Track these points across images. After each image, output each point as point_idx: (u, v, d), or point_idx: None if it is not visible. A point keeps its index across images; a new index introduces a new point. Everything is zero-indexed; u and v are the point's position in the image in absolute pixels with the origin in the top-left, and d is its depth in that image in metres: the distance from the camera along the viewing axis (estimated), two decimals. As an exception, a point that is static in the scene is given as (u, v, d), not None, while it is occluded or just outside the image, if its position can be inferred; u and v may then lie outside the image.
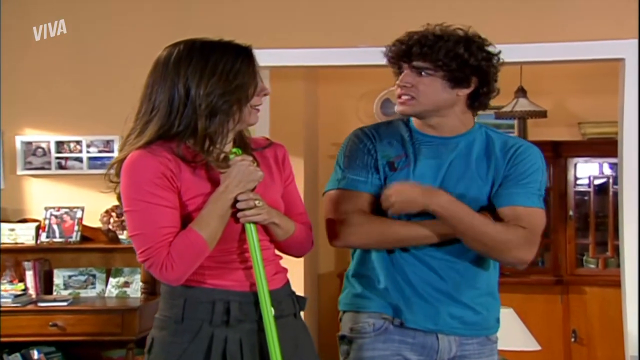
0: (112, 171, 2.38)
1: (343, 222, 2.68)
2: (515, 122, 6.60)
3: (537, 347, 4.16)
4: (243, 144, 2.50)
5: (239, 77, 2.34)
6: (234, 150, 2.40)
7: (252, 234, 2.38)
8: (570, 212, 6.42)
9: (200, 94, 2.31)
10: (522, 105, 6.07)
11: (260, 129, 6.34)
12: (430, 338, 2.72)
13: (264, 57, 4.97)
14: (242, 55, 2.37)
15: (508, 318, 4.11)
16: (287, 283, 2.56)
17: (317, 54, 5.19)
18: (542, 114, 6.13)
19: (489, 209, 2.72)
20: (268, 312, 2.37)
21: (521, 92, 6.13)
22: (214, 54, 2.35)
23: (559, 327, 6.34)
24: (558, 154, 6.40)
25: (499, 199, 2.70)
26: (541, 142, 6.38)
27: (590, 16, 4.96)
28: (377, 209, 2.70)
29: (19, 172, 5.28)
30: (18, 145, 5.27)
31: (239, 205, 2.34)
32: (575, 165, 6.46)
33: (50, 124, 5.27)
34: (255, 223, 2.38)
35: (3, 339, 4.85)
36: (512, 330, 4.09)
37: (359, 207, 2.68)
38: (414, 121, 2.79)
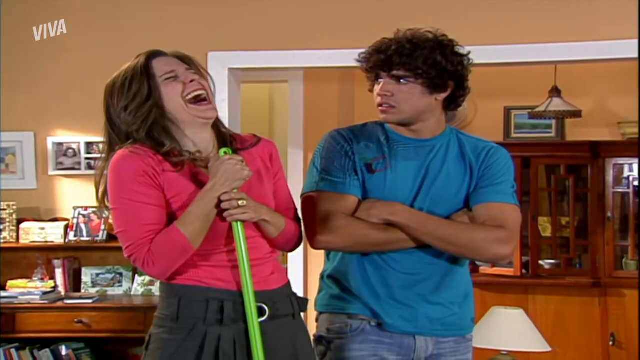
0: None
1: (324, 224, 2.69)
2: (553, 122, 6.52)
3: (548, 349, 4.12)
4: (223, 141, 2.55)
5: (132, 86, 2.42)
6: (224, 149, 2.45)
7: (239, 233, 2.41)
8: (609, 214, 6.30)
9: (116, 120, 2.46)
10: (556, 105, 5.96)
11: (293, 130, 6.44)
12: (408, 338, 2.75)
13: (297, 59, 5.13)
14: (132, 66, 2.46)
15: (518, 319, 4.09)
16: (287, 284, 2.59)
17: (351, 55, 5.19)
18: (577, 114, 6.02)
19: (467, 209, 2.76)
20: (252, 311, 2.41)
21: (555, 91, 6.02)
22: (112, 82, 2.48)
23: (596, 330, 6.23)
24: (596, 154, 6.29)
25: (474, 198, 2.74)
26: (579, 142, 6.34)
27: (621, 15, 4.88)
28: None
29: (51, 172, 5.42)
30: (50, 146, 5.41)
31: (223, 205, 2.38)
32: (614, 165, 6.34)
33: (80, 126, 5.38)
34: (242, 222, 2.42)
35: (31, 335, 5.01)
36: (522, 332, 4.06)
37: (339, 209, 2.69)
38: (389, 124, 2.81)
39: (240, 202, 2.38)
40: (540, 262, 6.34)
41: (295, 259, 6.40)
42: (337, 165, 2.74)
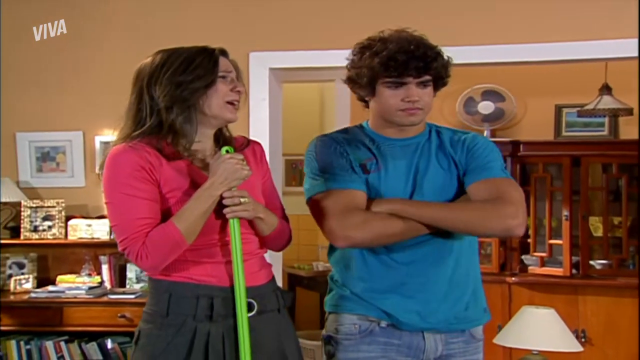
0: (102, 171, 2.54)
1: (342, 221, 2.64)
2: (606, 120, 6.40)
3: (579, 348, 4.06)
4: (224, 142, 2.61)
5: (197, 69, 2.47)
6: (226, 148, 2.51)
7: (235, 230, 2.46)
8: (663, 213, 6.18)
9: (157, 88, 2.46)
10: (606, 102, 5.86)
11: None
12: (417, 338, 2.75)
13: (338, 58, 5.10)
14: (204, 53, 2.50)
15: (550, 319, 4.05)
16: (272, 279, 2.65)
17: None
18: (628, 112, 5.91)
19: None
20: (242, 308, 2.46)
21: (605, 89, 5.93)
22: (175, 54, 2.50)
23: (649, 333, 6.10)
24: (648, 153, 6.16)
25: (466, 181, 2.74)
26: (631, 140, 6.20)
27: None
28: None
29: (98, 170, 5.49)
30: (97, 145, 5.53)
31: (225, 202, 2.43)
32: (668, 164, 6.19)
33: (126, 125, 5.49)
34: (239, 219, 2.48)
35: (77, 329, 5.16)
36: (553, 332, 4.01)
37: (354, 204, 2.67)
38: (370, 125, 2.84)
39: (242, 200, 2.44)
40: (592, 262, 6.24)
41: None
42: (336, 164, 2.74)
